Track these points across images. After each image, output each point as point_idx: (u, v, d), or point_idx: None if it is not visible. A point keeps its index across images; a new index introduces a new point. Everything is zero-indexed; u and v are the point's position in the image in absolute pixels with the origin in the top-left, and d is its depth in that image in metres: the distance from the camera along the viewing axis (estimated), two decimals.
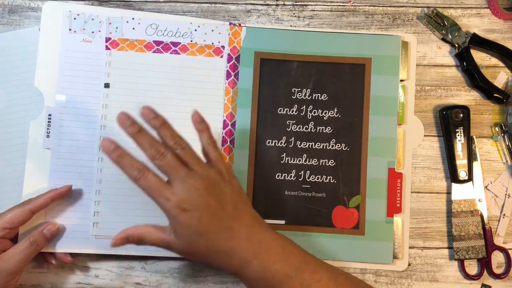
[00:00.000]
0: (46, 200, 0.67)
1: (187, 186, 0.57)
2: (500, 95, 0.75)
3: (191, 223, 0.57)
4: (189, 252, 0.60)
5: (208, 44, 0.74)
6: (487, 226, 0.73)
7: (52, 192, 0.68)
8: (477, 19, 0.77)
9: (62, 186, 0.69)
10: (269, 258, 0.58)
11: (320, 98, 0.74)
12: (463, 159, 0.74)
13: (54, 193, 0.68)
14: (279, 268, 0.58)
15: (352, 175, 0.73)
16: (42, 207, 0.67)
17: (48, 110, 0.71)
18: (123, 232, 0.61)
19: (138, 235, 0.61)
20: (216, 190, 0.59)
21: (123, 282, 0.73)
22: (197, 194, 0.57)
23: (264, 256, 0.58)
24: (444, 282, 0.73)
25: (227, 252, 0.58)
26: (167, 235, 0.59)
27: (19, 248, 0.65)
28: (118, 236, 0.61)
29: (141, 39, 0.74)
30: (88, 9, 0.74)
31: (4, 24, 0.77)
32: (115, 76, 0.73)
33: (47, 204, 0.68)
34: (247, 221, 0.61)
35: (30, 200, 0.67)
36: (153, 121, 0.61)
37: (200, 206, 0.57)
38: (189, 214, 0.56)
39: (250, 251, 0.58)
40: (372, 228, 0.72)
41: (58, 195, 0.68)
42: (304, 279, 0.58)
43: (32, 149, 0.71)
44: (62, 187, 0.69)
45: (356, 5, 0.78)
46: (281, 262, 0.58)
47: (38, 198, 0.67)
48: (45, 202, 0.67)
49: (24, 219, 0.66)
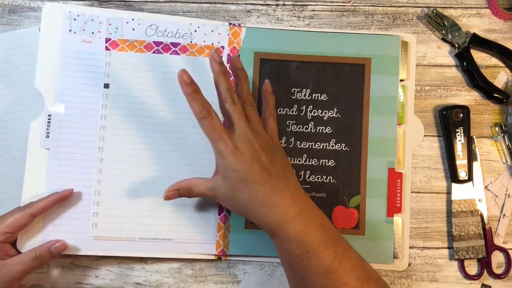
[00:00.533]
0: (47, 204, 0.67)
1: (245, 137, 0.61)
2: (500, 95, 0.75)
3: (240, 168, 0.59)
4: (232, 198, 0.61)
5: (208, 44, 0.74)
6: (487, 226, 0.73)
7: (53, 195, 0.68)
8: (477, 19, 0.77)
9: (63, 190, 0.69)
10: (310, 222, 0.59)
11: (320, 98, 0.74)
12: (463, 159, 0.74)
13: (55, 197, 0.68)
14: (318, 235, 0.58)
15: (352, 175, 0.73)
16: (43, 211, 0.67)
17: (47, 111, 0.71)
18: (175, 185, 0.65)
19: (187, 186, 0.65)
20: (269, 151, 0.62)
21: (123, 282, 0.73)
22: (253, 146, 0.61)
23: (306, 219, 0.59)
24: (444, 282, 0.73)
25: (270, 205, 0.59)
26: (213, 182, 0.62)
27: (24, 258, 0.65)
28: (170, 188, 0.65)
29: (141, 39, 0.74)
30: (88, 10, 0.74)
31: (4, 24, 0.77)
32: (114, 77, 0.73)
33: (48, 208, 0.67)
34: (293, 184, 0.62)
35: (31, 204, 0.67)
36: (239, 71, 0.67)
37: (253, 157, 0.60)
38: (241, 160, 0.59)
39: (293, 209, 0.59)
40: (372, 228, 0.72)
41: (59, 198, 0.68)
42: (338, 253, 0.58)
43: (32, 150, 0.71)
44: (63, 191, 0.69)
45: (356, 5, 0.78)
46: (321, 230, 0.59)
47: (39, 202, 0.67)
48: (46, 206, 0.67)
49: (24, 223, 0.66)
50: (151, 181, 0.72)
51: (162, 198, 0.69)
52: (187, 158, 0.72)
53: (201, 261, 0.73)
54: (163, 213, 0.71)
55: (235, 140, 0.60)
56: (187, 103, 0.61)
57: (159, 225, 0.71)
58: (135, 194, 0.71)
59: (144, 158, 0.72)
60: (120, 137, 0.72)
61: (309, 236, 0.58)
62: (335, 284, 0.57)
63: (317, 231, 0.59)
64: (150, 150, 0.72)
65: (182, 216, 0.72)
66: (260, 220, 0.60)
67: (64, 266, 0.73)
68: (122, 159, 0.72)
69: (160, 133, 0.72)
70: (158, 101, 0.73)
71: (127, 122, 0.72)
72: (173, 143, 0.72)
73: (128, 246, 0.71)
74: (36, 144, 0.71)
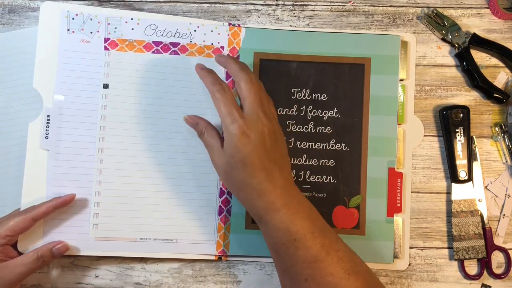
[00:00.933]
0: (49, 209, 0.67)
1: (256, 117, 0.60)
2: (500, 95, 0.75)
3: (243, 149, 0.59)
4: (228, 175, 0.62)
5: (208, 44, 0.74)
6: (487, 226, 0.74)
7: (55, 200, 0.68)
8: (477, 19, 0.77)
9: (65, 195, 0.69)
10: (298, 213, 0.59)
11: (319, 98, 0.74)
12: (463, 159, 0.74)
13: (57, 202, 0.67)
14: (305, 225, 0.59)
15: (352, 175, 0.73)
16: (44, 216, 0.67)
17: (46, 111, 0.71)
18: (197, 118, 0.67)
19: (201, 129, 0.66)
20: (275, 136, 0.62)
21: (123, 282, 0.73)
22: (261, 130, 0.60)
23: (294, 209, 0.59)
24: (444, 282, 0.73)
25: (260, 192, 0.59)
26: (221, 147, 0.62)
27: (26, 260, 0.65)
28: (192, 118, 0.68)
29: (140, 39, 0.73)
30: (87, 9, 0.73)
31: (4, 24, 0.76)
32: (114, 77, 0.72)
33: (50, 213, 0.67)
34: (287, 174, 0.63)
35: (32, 207, 0.66)
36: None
37: (258, 140, 0.60)
38: (246, 140, 0.59)
39: (281, 199, 0.59)
40: (373, 228, 0.72)
41: (61, 203, 0.68)
42: (325, 244, 0.58)
43: (31, 151, 0.70)
44: (65, 195, 0.69)
45: (356, 5, 0.77)
46: (308, 221, 0.59)
47: (40, 206, 0.67)
48: (48, 210, 0.67)
49: (25, 227, 0.65)
50: (152, 181, 0.72)
51: (162, 199, 0.70)
52: (188, 158, 0.72)
53: (201, 261, 0.73)
54: (164, 214, 0.71)
55: (246, 119, 0.60)
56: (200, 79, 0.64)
57: (160, 226, 0.71)
58: (136, 194, 0.71)
59: (144, 159, 0.72)
60: (120, 138, 0.72)
61: (295, 226, 0.58)
62: (320, 273, 0.57)
63: (304, 222, 0.59)
64: (151, 151, 0.72)
65: (182, 217, 0.72)
66: (248, 203, 0.61)
67: (64, 266, 0.73)
68: (122, 159, 0.72)
69: (161, 133, 0.72)
70: (158, 101, 0.72)
71: (127, 123, 0.72)
72: (173, 143, 0.72)
73: (128, 246, 0.71)
74: (35, 146, 0.71)
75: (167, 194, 0.72)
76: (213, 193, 0.73)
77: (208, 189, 0.72)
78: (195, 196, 0.72)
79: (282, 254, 0.59)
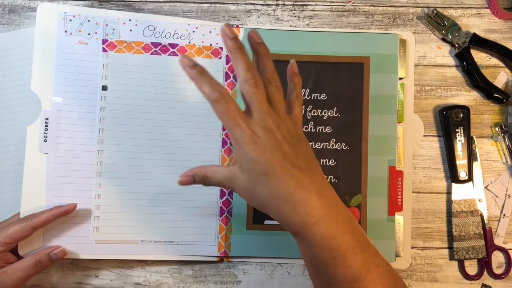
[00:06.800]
0: (49, 218, 0.66)
1: (266, 123, 0.53)
2: (500, 95, 0.75)
3: (259, 159, 0.51)
4: (251, 192, 0.54)
5: (206, 45, 0.73)
6: (487, 226, 0.74)
7: (56, 210, 0.67)
8: (477, 19, 0.77)
9: (67, 204, 0.68)
10: (338, 225, 0.52)
11: (319, 98, 0.74)
12: (463, 159, 0.74)
13: (57, 211, 0.67)
14: (346, 239, 0.52)
15: (353, 174, 0.74)
16: (44, 224, 0.67)
17: (45, 114, 0.70)
18: (190, 170, 0.57)
19: (203, 174, 0.56)
20: (293, 140, 0.54)
21: (123, 282, 0.73)
22: (273, 135, 0.52)
23: (333, 222, 0.52)
24: (444, 282, 0.74)
25: (293, 204, 0.52)
26: (231, 172, 0.54)
27: (24, 265, 0.65)
28: (185, 174, 0.57)
29: (139, 41, 0.73)
30: (84, 11, 0.72)
31: (4, 24, 0.76)
32: (112, 79, 0.72)
33: (50, 222, 0.67)
34: (319, 179, 0.54)
35: (32, 215, 0.66)
36: (259, 46, 0.57)
37: (273, 147, 0.52)
38: (260, 149, 0.51)
39: (319, 209, 0.52)
40: (374, 227, 0.73)
41: (62, 213, 0.68)
42: (366, 260, 0.52)
43: (30, 154, 0.70)
44: (67, 205, 0.68)
45: (356, 5, 0.77)
46: (349, 234, 0.52)
47: (41, 215, 0.66)
48: (48, 220, 0.66)
49: (25, 235, 0.65)
50: (152, 183, 0.71)
51: (162, 201, 0.69)
52: (188, 160, 0.72)
53: (201, 261, 0.73)
54: (164, 216, 0.71)
55: (254, 127, 0.52)
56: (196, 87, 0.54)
57: (161, 228, 0.71)
58: (136, 196, 0.71)
59: (144, 161, 0.71)
60: (119, 140, 0.71)
61: (336, 241, 0.51)
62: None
63: (345, 235, 0.52)
64: (150, 153, 0.72)
65: (183, 219, 0.72)
66: (282, 219, 0.53)
67: (64, 267, 0.73)
68: (122, 162, 0.71)
69: (160, 135, 0.72)
70: (157, 103, 0.72)
71: (126, 125, 0.72)
72: (173, 145, 0.72)
73: (129, 249, 0.71)
74: (34, 149, 0.70)
75: (168, 195, 0.72)
76: (214, 194, 0.73)
77: (209, 190, 0.72)
78: (196, 198, 0.72)
79: (320, 271, 0.54)
